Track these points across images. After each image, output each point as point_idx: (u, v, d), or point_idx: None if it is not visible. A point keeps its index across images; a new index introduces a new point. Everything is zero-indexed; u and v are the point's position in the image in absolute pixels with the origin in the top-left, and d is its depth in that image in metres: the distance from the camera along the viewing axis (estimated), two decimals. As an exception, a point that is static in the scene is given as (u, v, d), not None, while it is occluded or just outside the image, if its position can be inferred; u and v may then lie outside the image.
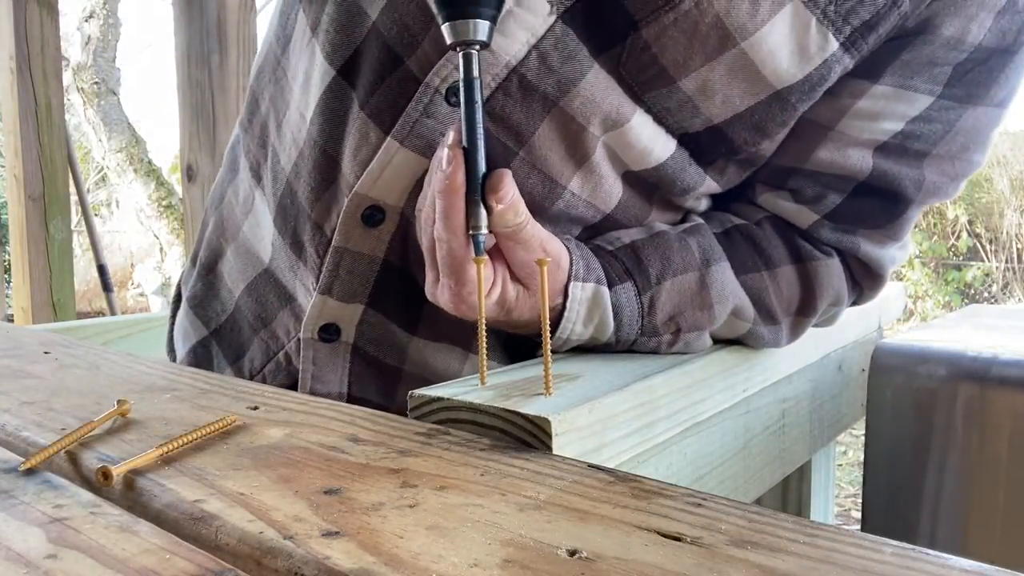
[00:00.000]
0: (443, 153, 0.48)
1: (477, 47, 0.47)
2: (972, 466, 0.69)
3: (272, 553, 0.29)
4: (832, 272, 0.63)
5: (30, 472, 0.38)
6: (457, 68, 0.48)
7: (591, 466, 0.38)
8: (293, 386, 0.66)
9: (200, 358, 0.75)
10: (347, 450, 0.40)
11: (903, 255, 0.67)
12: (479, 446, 0.41)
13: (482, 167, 0.48)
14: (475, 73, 0.47)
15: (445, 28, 0.47)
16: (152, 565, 0.28)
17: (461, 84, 0.47)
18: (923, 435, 0.72)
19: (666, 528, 0.31)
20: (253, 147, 0.69)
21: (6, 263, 2.72)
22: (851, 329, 0.87)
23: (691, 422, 0.56)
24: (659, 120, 0.57)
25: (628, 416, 0.48)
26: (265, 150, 0.68)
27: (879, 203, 0.62)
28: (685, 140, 0.59)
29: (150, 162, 5.68)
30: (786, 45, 0.54)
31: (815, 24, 0.53)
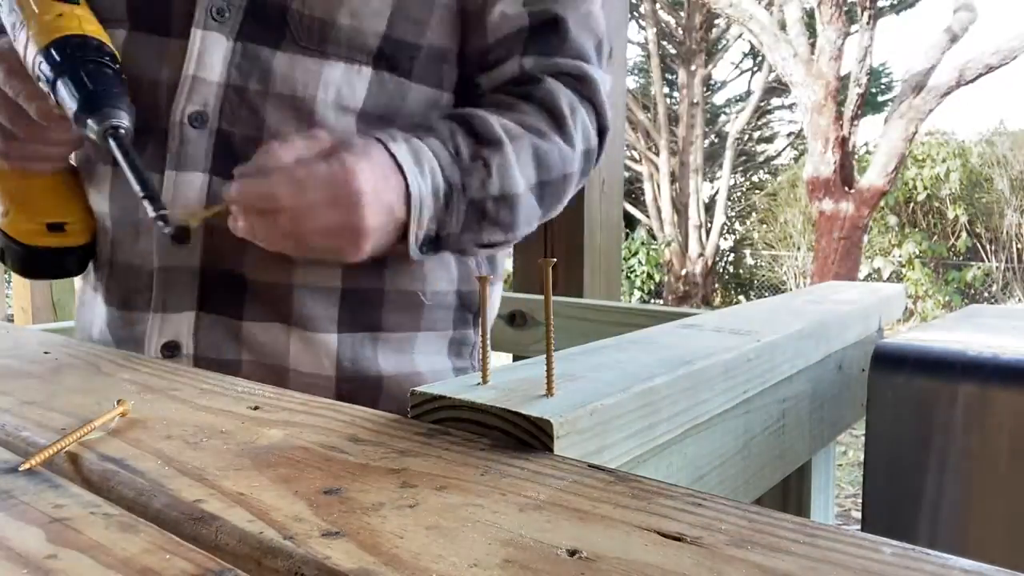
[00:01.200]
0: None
1: (123, 130, 0.61)
2: (972, 466, 0.69)
3: (272, 553, 0.29)
4: (552, 88, 0.75)
5: (30, 472, 0.38)
6: (114, 150, 0.60)
7: (591, 466, 0.38)
8: None
9: None
10: (347, 450, 0.40)
11: (606, 77, 0.80)
12: (479, 446, 0.41)
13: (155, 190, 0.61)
14: (127, 146, 0.60)
15: (92, 125, 0.60)
16: (152, 565, 0.28)
17: (121, 156, 0.60)
18: (923, 435, 0.72)
19: (666, 528, 0.31)
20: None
21: (6, 263, 2.71)
22: (851, 329, 0.87)
23: (692, 423, 0.56)
24: (348, 59, 0.70)
25: (630, 418, 0.48)
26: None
27: (548, 33, 0.76)
28: (377, 63, 0.71)
29: (150, 162, 5.67)
30: None
31: None
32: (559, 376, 0.49)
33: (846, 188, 6.91)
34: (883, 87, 12.65)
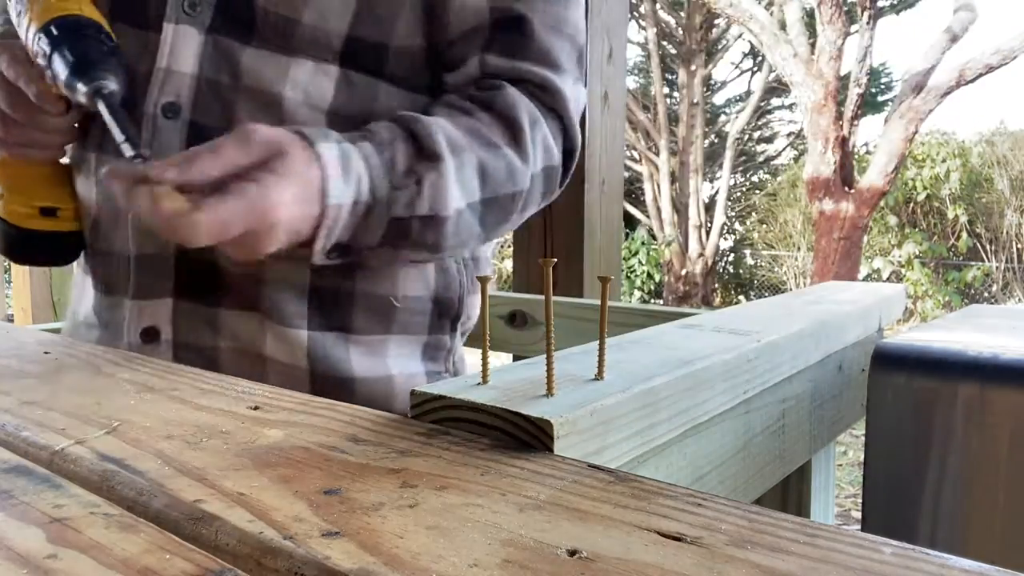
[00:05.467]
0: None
1: (110, 91, 0.63)
2: (972, 466, 0.69)
3: (272, 553, 0.29)
4: (509, 96, 0.72)
5: (30, 472, 0.38)
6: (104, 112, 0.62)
7: (591, 466, 0.38)
8: None
9: None
10: (347, 450, 0.40)
11: (580, 90, 0.78)
12: (479, 446, 0.41)
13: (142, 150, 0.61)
14: (115, 105, 0.62)
15: (81, 88, 0.62)
16: (152, 565, 0.28)
17: (107, 112, 0.61)
18: (923, 435, 0.72)
19: (666, 528, 0.31)
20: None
21: (6, 263, 2.72)
22: (851, 329, 0.87)
23: (692, 423, 0.56)
24: (315, 57, 0.71)
25: (630, 418, 0.48)
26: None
27: (511, 32, 0.74)
28: (344, 63, 0.72)
29: (150, 162, 5.67)
30: None
31: None
32: (559, 376, 0.49)
33: (846, 188, 6.91)
34: (883, 87, 12.65)
